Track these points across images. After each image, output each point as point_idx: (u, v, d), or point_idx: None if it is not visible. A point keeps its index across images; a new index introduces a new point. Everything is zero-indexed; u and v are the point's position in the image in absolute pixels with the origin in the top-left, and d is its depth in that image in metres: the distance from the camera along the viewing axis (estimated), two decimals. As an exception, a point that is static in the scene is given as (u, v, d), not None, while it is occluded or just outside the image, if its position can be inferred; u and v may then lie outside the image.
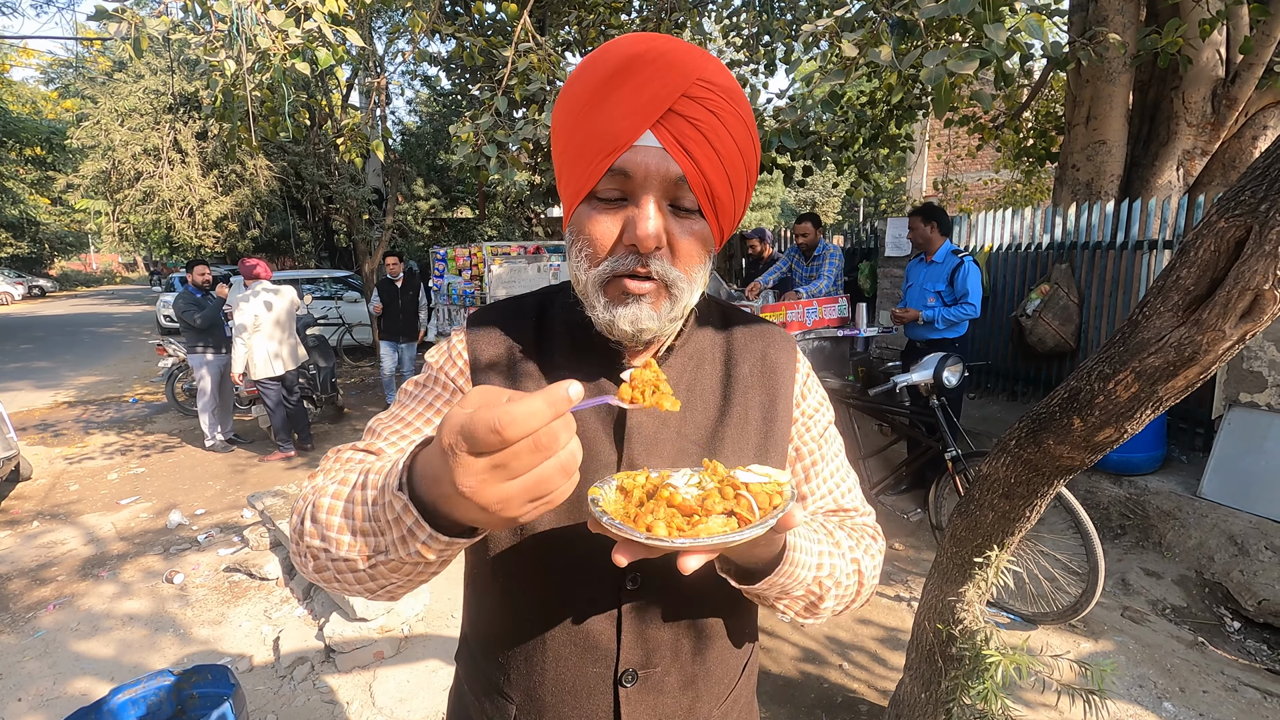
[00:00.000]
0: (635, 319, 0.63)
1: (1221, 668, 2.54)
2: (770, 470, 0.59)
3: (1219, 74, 4.40)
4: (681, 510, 0.54)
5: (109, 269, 41.46)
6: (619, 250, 0.62)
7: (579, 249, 0.64)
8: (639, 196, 0.61)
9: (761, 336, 0.78)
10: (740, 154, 0.63)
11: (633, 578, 0.69)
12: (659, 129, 0.59)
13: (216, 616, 3.07)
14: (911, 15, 2.51)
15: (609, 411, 0.71)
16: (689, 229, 0.63)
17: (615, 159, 0.59)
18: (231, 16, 3.19)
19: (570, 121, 0.63)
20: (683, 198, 0.61)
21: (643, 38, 0.62)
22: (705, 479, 0.58)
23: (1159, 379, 1.12)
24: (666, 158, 0.59)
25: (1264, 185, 0.94)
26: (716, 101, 0.60)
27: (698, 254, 0.64)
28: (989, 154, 9.77)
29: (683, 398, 0.72)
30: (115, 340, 13.13)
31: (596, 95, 0.60)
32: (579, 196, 0.63)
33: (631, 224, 0.60)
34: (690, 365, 0.74)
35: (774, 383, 0.76)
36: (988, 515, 1.62)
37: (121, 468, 5.32)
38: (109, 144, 9.49)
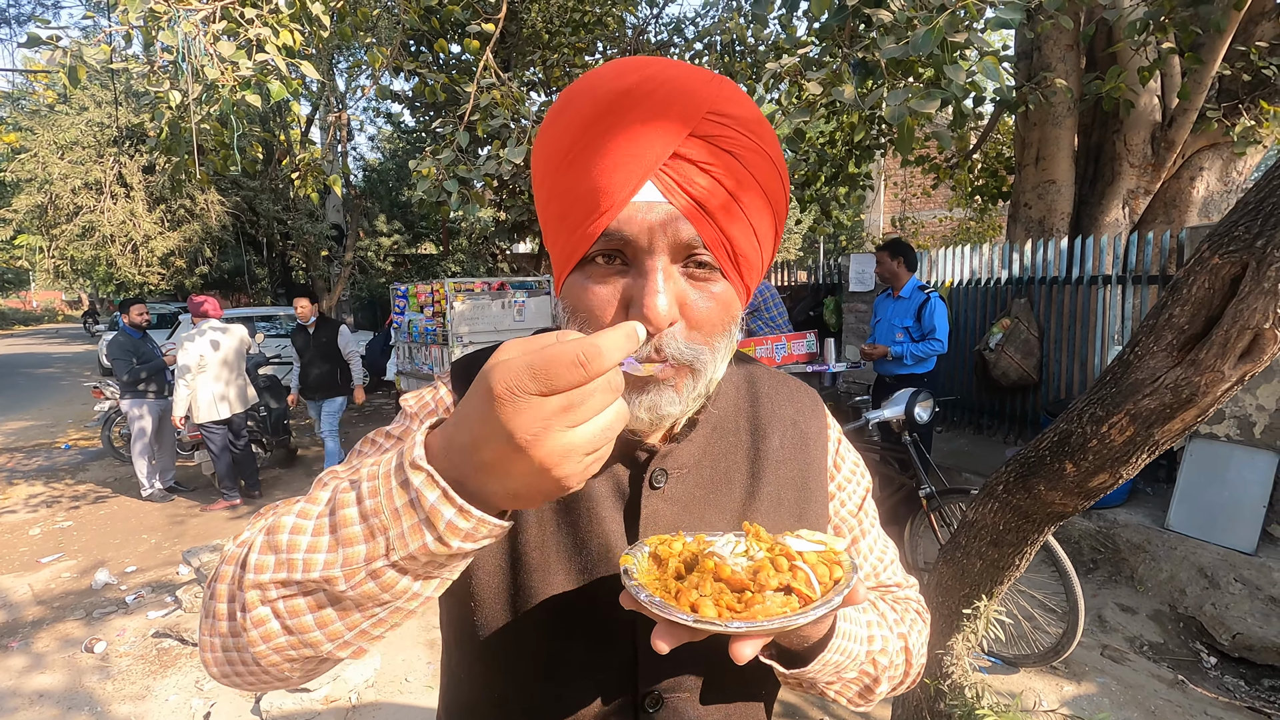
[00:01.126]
0: (654, 406, 0.52)
1: (1204, 707, 2.50)
2: (822, 536, 0.52)
3: (1157, 118, 4.63)
4: (731, 585, 0.47)
5: (50, 307, 39.67)
6: None
7: (577, 326, 0.53)
8: (643, 263, 0.49)
9: (791, 400, 0.69)
10: (767, 198, 0.52)
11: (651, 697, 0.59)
12: (661, 178, 0.48)
13: (140, 690, 2.77)
14: (873, 55, 2.54)
15: (619, 496, 0.59)
16: (708, 293, 0.51)
17: (608, 221, 0.48)
18: (177, 47, 3.06)
19: (552, 173, 0.52)
20: (697, 255, 0.50)
21: (635, 64, 0.50)
22: (753, 546, 0.51)
23: (1155, 422, 1.06)
24: (674, 214, 0.48)
25: (1259, 220, 0.91)
26: (734, 139, 0.49)
27: (720, 321, 0.53)
28: (943, 192, 10.12)
29: (707, 476, 0.62)
30: (52, 382, 12.40)
31: (582, 139, 0.49)
32: (570, 264, 0.52)
33: (638, 301, 0.49)
34: (714, 437, 0.63)
35: (806, 455, 0.67)
36: (975, 563, 1.54)
37: (46, 521, 4.91)
38: (46, 177, 9.09)
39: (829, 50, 3.09)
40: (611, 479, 0.59)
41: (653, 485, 0.59)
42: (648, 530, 0.60)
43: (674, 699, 0.60)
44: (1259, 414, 3.15)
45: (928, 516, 3.00)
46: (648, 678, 0.59)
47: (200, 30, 3.08)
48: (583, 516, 0.59)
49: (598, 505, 0.59)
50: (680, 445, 0.60)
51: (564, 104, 0.52)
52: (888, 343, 3.90)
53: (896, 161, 8.18)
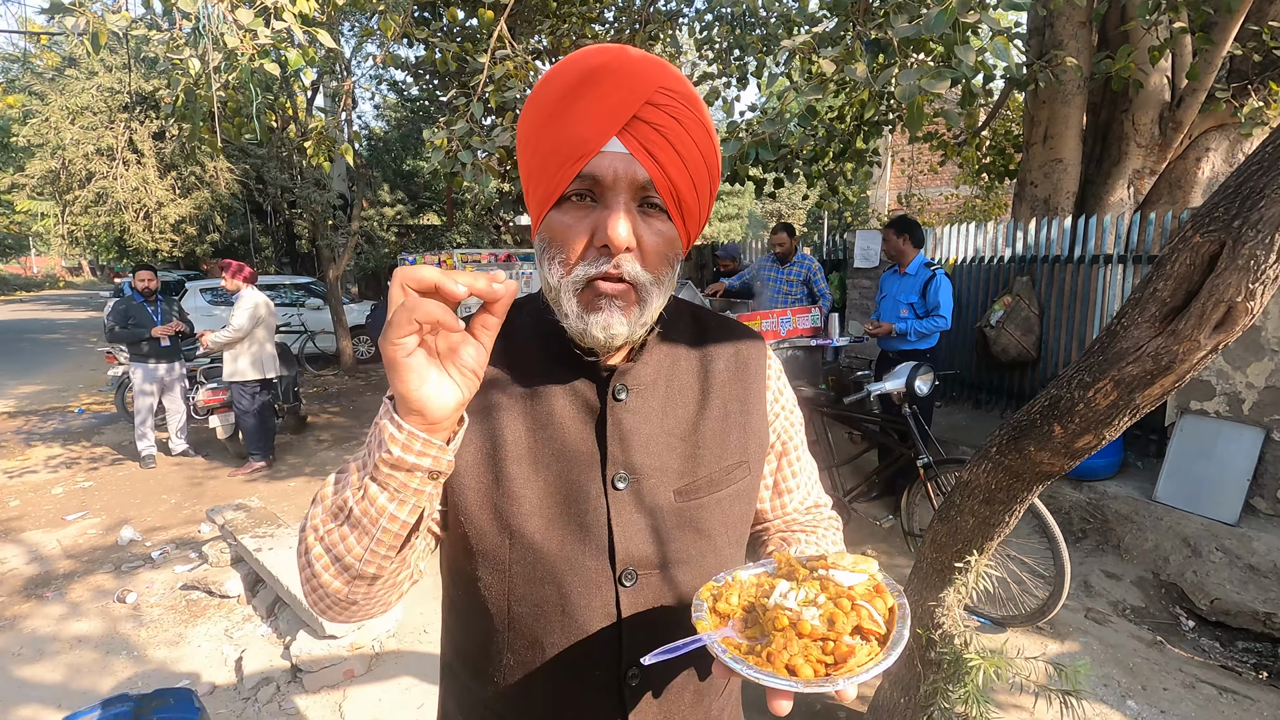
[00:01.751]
0: (607, 326, 0.64)
1: (1180, 665, 2.64)
2: (854, 559, 0.59)
3: (1166, 98, 4.64)
4: (812, 637, 0.53)
5: (51, 273, 39.60)
6: (590, 254, 0.63)
7: (551, 254, 0.65)
8: (608, 199, 0.62)
9: (732, 333, 0.81)
10: (703, 157, 0.65)
11: (628, 573, 0.70)
12: (624, 135, 0.61)
13: (174, 637, 2.93)
14: (886, 34, 2.58)
15: (588, 410, 0.71)
16: (656, 230, 0.64)
17: (584, 164, 0.60)
18: (197, 14, 3.09)
19: (537, 130, 0.64)
20: (650, 200, 0.63)
21: (604, 49, 0.63)
22: (809, 590, 0.57)
23: (1137, 387, 1.16)
24: (633, 162, 0.61)
25: (1236, 203, 0.99)
26: (678, 108, 0.62)
27: (666, 256, 0.66)
28: (950, 170, 10.09)
29: (662, 393, 0.73)
30: (59, 348, 12.51)
31: (562, 104, 0.62)
32: (549, 202, 0.64)
33: (602, 226, 0.61)
34: (667, 361, 0.75)
35: (747, 376, 0.78)
36: (968, 521, 1.65)
37: (67, 481, 5.06)
38: (58, 143, 9.07)
39: (843, 26, 3.11)
40: (580, 396, 0.71)
41: (615, 398, 0.70)
42: (615, 435, 0.70)
43: (645, 574, 0.70)
44: (1248, 391, 3.25)
45: (925, 485, 3.12)
46: (623, 558, 0.69)
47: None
48: (557, 429, 0.70)
49: (570, 419, 0.70)
50: (637, 365, 0.72)
51: (549, 78, 0.65)
52: (892, 318, 3.98)
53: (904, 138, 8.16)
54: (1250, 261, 0.98)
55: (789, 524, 0.83)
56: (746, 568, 0.63)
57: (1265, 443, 3.18)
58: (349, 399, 7.99)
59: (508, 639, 0.71)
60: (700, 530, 0.72)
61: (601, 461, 0.69)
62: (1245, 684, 2.54)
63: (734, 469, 0.74)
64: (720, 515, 0.73)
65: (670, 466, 0.71)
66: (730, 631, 0.56)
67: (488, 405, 0.70)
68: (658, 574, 0.70)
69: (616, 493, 0.69)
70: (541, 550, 0.68)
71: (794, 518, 0.83)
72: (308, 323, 10.02)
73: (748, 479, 0.76)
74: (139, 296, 5.22)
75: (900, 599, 0.56)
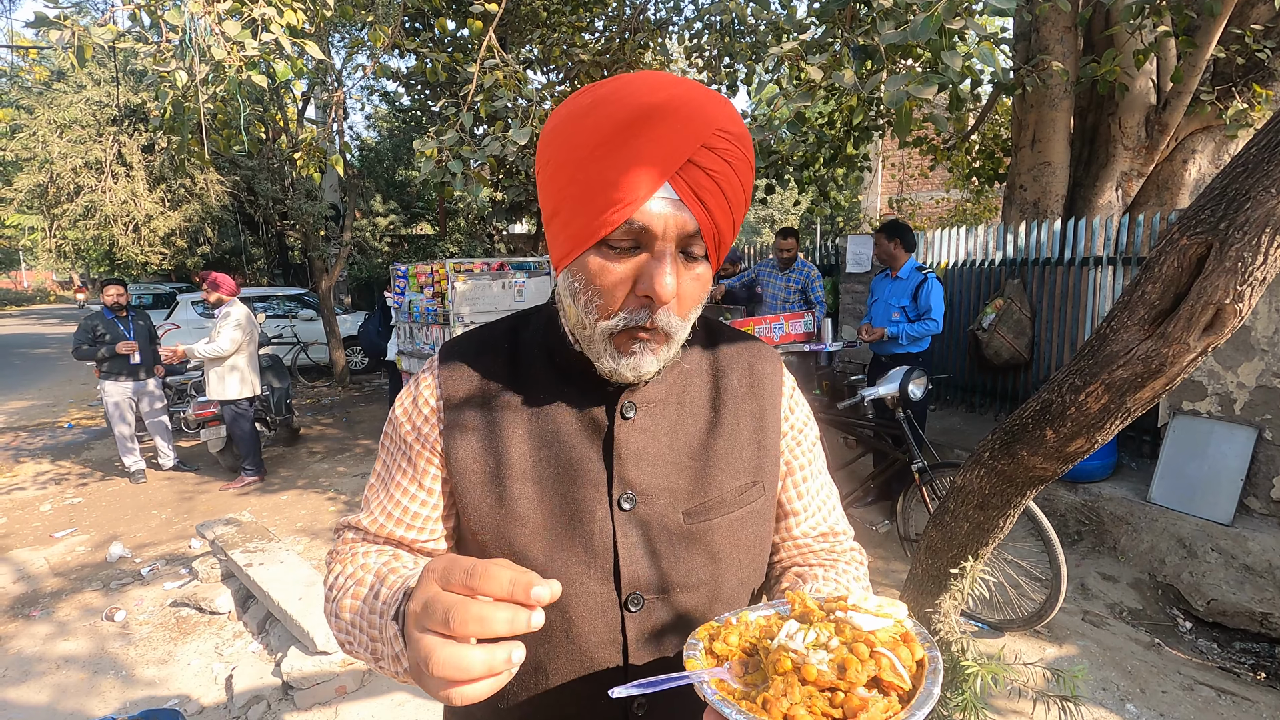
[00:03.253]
0: (638, 368, 0.63)
1: (1178, 668, 2.64)
2: (879, 601, 0.52)
3: (1151, 101, 4.68)
4: (818, 685, 0.46)
5: (42, 287, 39.35)
6: (631, 303, 0.61)
7: (588, 298, 0.62)
8: (655, 249, 0.59)
9: (747, 349, 0.78)
10: (745, 194, 0.64)
11: (634, 598, 0.68)
12: (677, 180, 0.58)
13: (163, 655, 2.88)
14: (872, 41, 2.59)
15: (595, 428, 0.69)
16: (695, 276, 0.63)
17: (634, 211, 0.57)
18: (183, 26, 3.08)
19: (576, 163, 0.60)
20: (693, 246, 0.61)
21: (662, 83, 0.59)
22: (820, 632, 0.50)
23: (1128, 390, 1.15)
24: (682, 209, 0.59)
25: (1222, 204, 0.99)
26: (732, 151, 0.60)
27: (699, 299, 0.65)
28: (940, 174, 10.16)
29: (673, 411, 0.71)
30: (49, 362, 12.41)
31: (612, 141, 0.58)
32: (587, 242, 0.60)
33: (648, 278, 0.59)
34: (679, 378, 0.73)
35: (762, 394, 0.76)
36: (962, 526, 1.64)
37: (55, 498, 5.00)
38: (46, 156, 9.01)
39: (830, 33, 3.13)
40: (587, 414, 0.69)
41: (623, 416, 0.68)
42: (623, 453, 0.68)
43: (652, 600, 0.68)
44: (1239, 391, 3.27)
45: (920, 490, 3.11)
46: (630, 582, 0.67)
47: (205, 10, 3.10)
48: (563, 447, 0.68)
49: (576, 437, 0.68)
50: (648, 383, 0.70)
51: (595, 103, 0.60)
52: (884, 322, 3.99)
53: (894, 143, 8.21)
54: (1237, 264, 0.97)
55: (804, 555, 0.78)
56: (756, 608, 0.58)
57: (1258, 442, 3.19)
58: (342, 410, 7.94)
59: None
60: (710, 553, 0.69)
61: (608, 481, 0.67)
62: (1243, 685, 2.54)
63: (747, 489, 0.71)
64: (732, 537, 0.71)
65: (679, 487, 0.69)
66: (724, 673, 0.50)
67: (492, 422, 0.69)
68: (665, 599, 0.68)
69: (623, 513, 0.67)
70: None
71: (808, 545, 0.78)
72: (300, 334, 9.97)
73: (762, 499, 0.73)
74: (109, 312, 5.17)
75: (932, 651, 0.49)
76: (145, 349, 5.21)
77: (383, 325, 7.26)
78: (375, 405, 8.09)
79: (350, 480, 5.29)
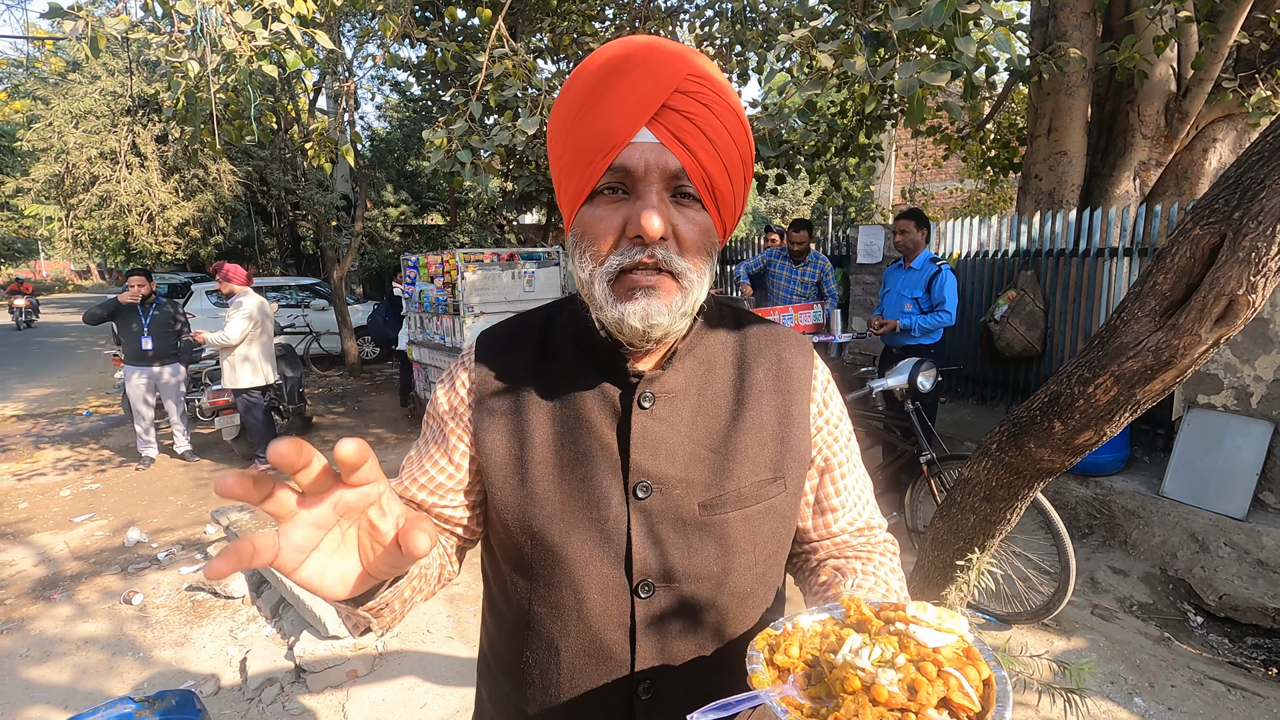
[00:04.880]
0: (645, 314, 0.62)
1: (1187, 662, 2.62)
2: (940, 613, 0.51)
3: (1171, 89, 4.59)
4: (889, 706, 0.45)
5: (60, 276, 39.89)
6: (623, 244, 0.62)
7: (583, 248, 0.64)
8: (640, 189, 0.60)
9: (776, 340, 0.77)
10: (735, 143, 0.64)
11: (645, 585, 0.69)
12: (654, 125, 0.59)
13: (179, 638, 2.94)
14: (885, 27, 2.55)
15: (614, 415, 0.69)
16: (691, 219, 0.63)
17: (614, 156, 0.59)
18: (195, 16, 3.10)
19: (566, 127, 0.63)
20: (683, 189, 0.62)
21: (630, 40, 0.63)
22: (885, 648, 0.49)
23: (1137, 382, 1.14)
24: (664, 151, 0.60)
25: (1236, 194, 0.97)
26: (708, 95, 0.61)
27: (703, 244, 0.64)
28: (954, 164, 10.03)
29: (693, 402, 0.71)
30: (68, 350, 12.61)
31: (590, 98, 0.61)
32: (580, 197, 0.63)
33: (635, 216, 0.60)
34: (701, 369, 0.72)
35: (790, 387, 0.74)
36: (969, 518, 1.63)
37: (75, 484, 5.09)
38: (62, 147, 9.12)
39: (842, 20, 3.09)
40: (609, 401, 0.69)
41: (641, 405, 0.68)
42: (640, 444, 0.68)
43: (662, 588, 0.68)
44: (1256, 384, 3.22)
45: (928, 482, 3.10)
46: (640, 569, 0.68)
47: (216, 0, 3.11)
48: (584, 433, 0.69)
49: (595, 423, 0.69)
50: (666, 372, 0.70)
51: (577, 73, 0.64)
52: (896, 313, 3.95)
53: (907, 132, 8.11)
54: (1251, 254, 0.96)
55: (841, 548, 0.77)
56: (809, 612, 0.56)
57: (1274, 436, 3.15)
58: (354, 399, 8.01)
59: (527, 638, 0.72)
60: (724, 546, 0.69)
61: (624, 469, 0.68)
62: (1254, 680, 2.52)
63: (767, 484, 0.71)
64: (748, 531, 0.70)
65: (696, 478, 0.68)
66: (791, 689, 0.48)
67: (519, 408, 0.71)
68: (675, 587, 0.69)
69: (638, 502, 0.68)
70: (560, 554, 0.68)
71: (845, 540, 0.77)
72: (313, 323, 10.06)
73: (782, 495, 0.72)
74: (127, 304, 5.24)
75: (998, 670, 0.47)
76: (161, 337, 5.28)
77: (391, 315, 7.31)
78: (386, 394, 8.16)
79: (362, 468, 5.34)
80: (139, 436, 5.40)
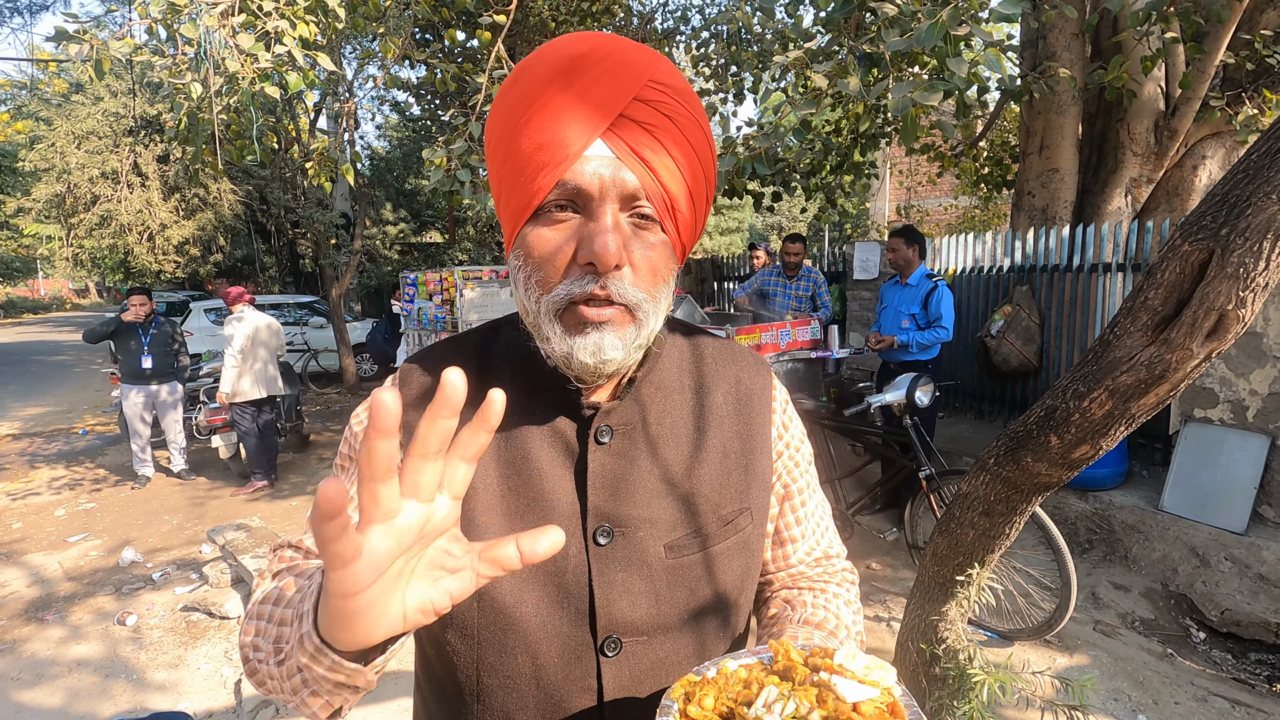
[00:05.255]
0: (597, 349, 0.55)
1: (1191, 678, 2.60)
2: (868, 663, 0.49)
3: (1160, 107, 4.66)
4: None
5: (59, 295, 39.91)
6: (574, 271, 0.54)
7: (528, 274, 0.56)
8: (593, 210, 0.54)
9: (733, 361, 0.72)
10: (699, 159, 0.58)
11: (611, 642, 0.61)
12: (610, 136, 0.53)
13: (173, 659, 2.91)
14: (878, 48, 2.60)
15: (567, 453, 0.62)
16: (648, 243, 0.56)
17: (564, 171, 0.52)
18: (198, 39, 3.15)
19: (509, 133, 0.55)
20: (640, 209, 0.55)
21: (586, 36, 0.55)
22: (800, 703, 0.47)
23: (1131, 396, 1.15)
24: (620, 167, 0.53)
25: (1224, 210, 0.99)
26: (671, 105, 0.55)
27: (660, 270, 0.57)
28: (949, 180, 10.13)
29: (651, 432, 0.64)
30: (65, 369, 12.58)
31: (537, 101, 0.53)
32: (524, 215, 0.56)
33: (588, 240, 0.53)
34: (658, 397, 0.66)
35: (750, 410, 0.69)
36: (968, 533, 1.63)
37: (70, 503, 5.06)
38: (64, 167, 9.20)
39: (835, 41, 3.15)
40: (560, 438, 0.62)
41: (598, 440, 0.62)
42: (597, 482, 0.61)
43: (631, 643, 0.61)
44: (1252, 398, 3.23)
45: (927, 497, 3.10)
46: (605, 625, 0.60)
47: (220, 23, 3.16)
48: (533, 475, 0.61)
49: (546, 463, 0.61)
50: (623, 403, 0.63)
51: (518, 73, 0.56)
52: (893, 329, 3.98)
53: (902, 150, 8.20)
54: (1239, 269, 0.98)
55: (795, 579, 0.73)
56: (737, 655, 0.54)
57: (1271, 450, 3.16)
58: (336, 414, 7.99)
59: (476, 712, 0.62)
60: (695, 591, 0.63)
61: (581, 514, 0.61)
62: (1258, 696, 2.50)
63: (735, 517, 0.65)
64: (720, 571, 0.64)
65: (660, 518, 0.62)
66: None
67: None
68: (645, 641, 0.62)
69: (598, 549, 0.61)
70: (513, 616, 0.59)
71: (801, 570, 0.73)
72: (311, 341, 10.07)
73: (750, 527, 0.67)
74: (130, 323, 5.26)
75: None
76: (160, 356, 5.29)
77: (389, 332, 7.33)
78: (384, 412, 8.13)
79: (359, 486, 5.32)
80: (135, 455, 5.39)
